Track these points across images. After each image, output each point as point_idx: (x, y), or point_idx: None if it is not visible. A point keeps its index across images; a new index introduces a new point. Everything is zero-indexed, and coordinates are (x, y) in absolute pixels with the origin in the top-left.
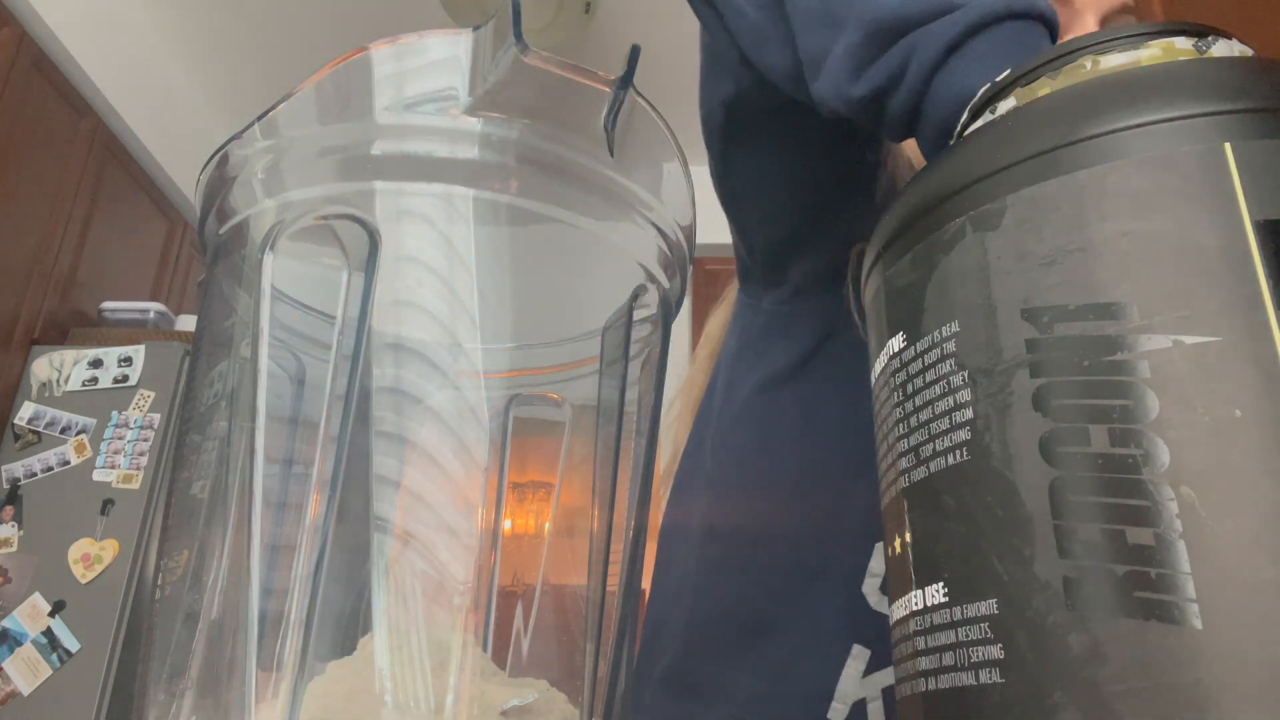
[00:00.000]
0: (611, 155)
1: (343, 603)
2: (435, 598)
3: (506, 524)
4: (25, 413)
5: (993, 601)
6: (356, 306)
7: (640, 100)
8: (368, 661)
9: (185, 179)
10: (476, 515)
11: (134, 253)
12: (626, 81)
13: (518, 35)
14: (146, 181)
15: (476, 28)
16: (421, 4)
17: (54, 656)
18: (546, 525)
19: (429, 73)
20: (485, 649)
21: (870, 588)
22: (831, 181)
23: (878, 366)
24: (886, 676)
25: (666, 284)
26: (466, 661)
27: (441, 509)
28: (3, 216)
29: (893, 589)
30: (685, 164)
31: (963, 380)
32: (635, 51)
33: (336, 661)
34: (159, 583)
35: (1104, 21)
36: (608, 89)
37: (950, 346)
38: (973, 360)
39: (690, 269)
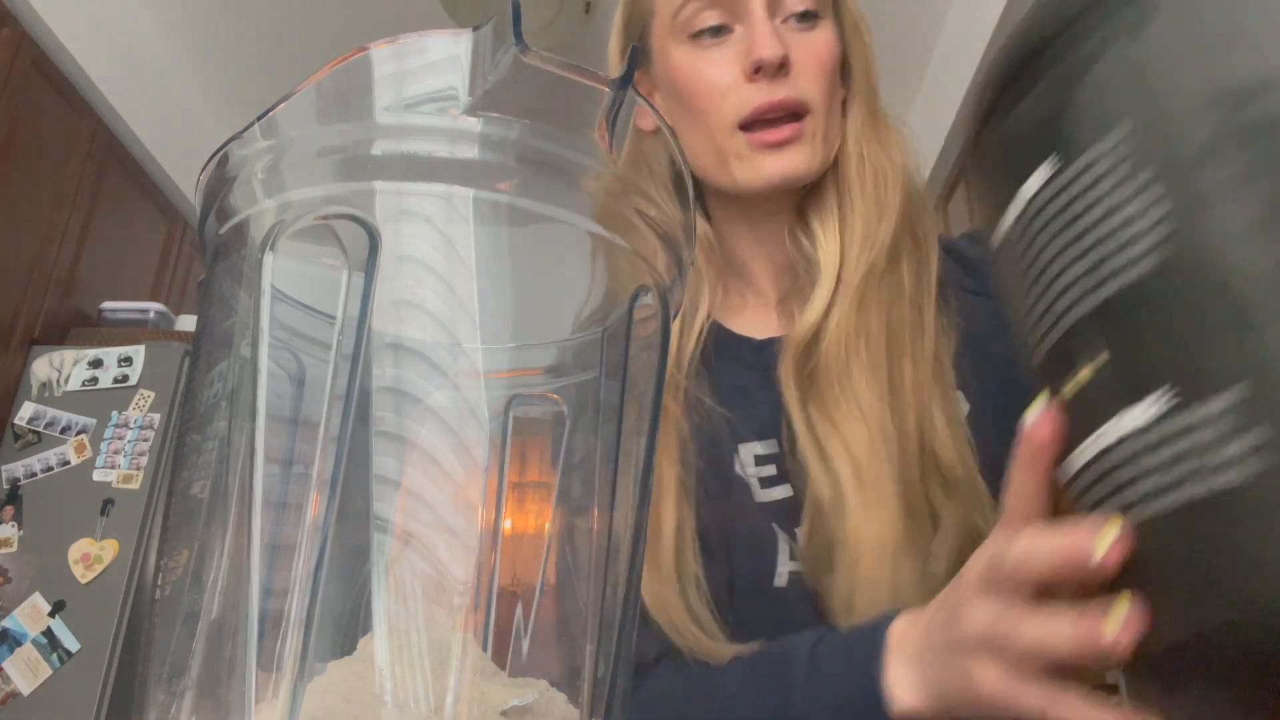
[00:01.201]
0: (611, 156)
1: (343, 603)
2: (435, 598)
3: (506, 524)
4: (25, 413)
5: (1241, 386)
6: (356, 306)
7: (640, 100)
8: (368, 661)
9: (185, 179)
10: (476, 515)
11: (134, 253)
12: (626, 81)
13: (518, 35)
14: (146, 182)
15: (476, 28)
16: (421, 4)
17: (54, 656)
18: (546, 525)
19: (429, 73)
20: (485, 649)
21: (755, 486)
22: None
23: (1003, 226)
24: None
25: (667, 284)
26: (466, 661)
27: (441, 509)
28: (3, 216)
29: (1076, 430)
30: (685, 164)
31: (1148, 179)
32: (635, 51)
33: (336, 661)
34: (159, 583)
35: None
36: (608, 89)
37: (1124, 149)
38: (1157, 156)
39: (690, 269)
